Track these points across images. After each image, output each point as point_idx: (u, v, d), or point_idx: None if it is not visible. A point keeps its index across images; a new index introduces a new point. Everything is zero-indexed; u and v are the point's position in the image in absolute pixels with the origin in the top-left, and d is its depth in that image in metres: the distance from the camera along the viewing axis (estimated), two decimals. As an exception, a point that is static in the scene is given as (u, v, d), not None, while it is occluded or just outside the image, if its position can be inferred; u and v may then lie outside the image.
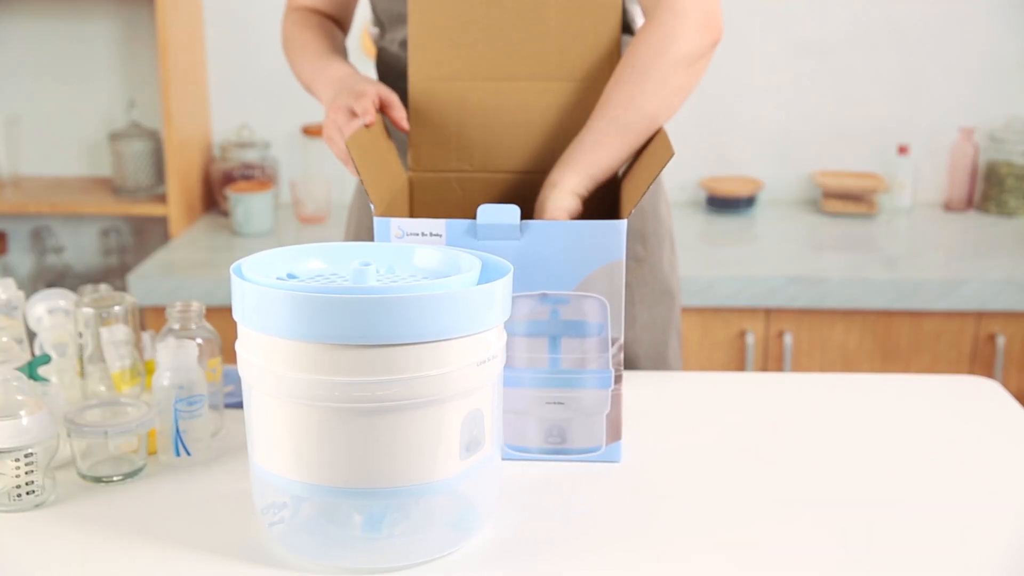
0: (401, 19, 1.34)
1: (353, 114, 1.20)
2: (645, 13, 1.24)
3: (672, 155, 1.05)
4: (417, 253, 0.98)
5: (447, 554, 0.93)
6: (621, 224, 1.03)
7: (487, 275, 0.94)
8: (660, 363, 1.42)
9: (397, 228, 1.05)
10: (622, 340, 1.07)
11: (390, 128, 1.28)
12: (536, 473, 1.08)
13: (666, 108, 1.18)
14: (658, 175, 1.04)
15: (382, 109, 1.23)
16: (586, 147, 1.15)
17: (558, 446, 1.10)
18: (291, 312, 0.85)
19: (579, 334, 1.06)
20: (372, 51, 2.60)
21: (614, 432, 1.09)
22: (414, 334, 0.85)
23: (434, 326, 0.85)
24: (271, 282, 0.89)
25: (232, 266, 0.92)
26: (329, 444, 0.87)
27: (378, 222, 1.05)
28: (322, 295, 0.84)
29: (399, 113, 1.22)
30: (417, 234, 1.04)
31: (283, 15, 1.46)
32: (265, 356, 0.88)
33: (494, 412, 0.93)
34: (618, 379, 1.08)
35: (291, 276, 0.95)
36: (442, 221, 1.04)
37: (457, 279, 0.89)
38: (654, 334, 1.41)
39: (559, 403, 1.08)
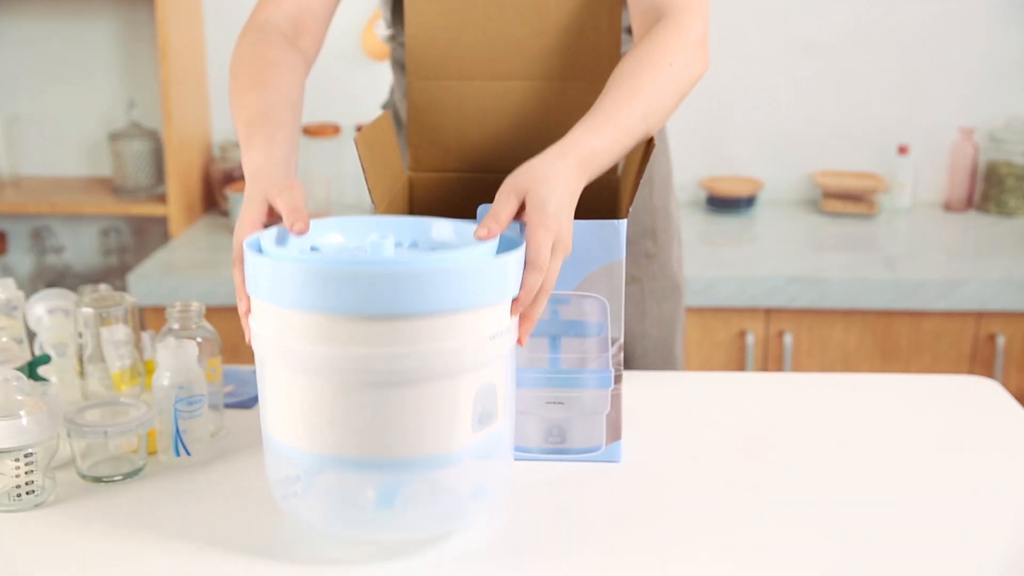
0: None
1: (272, 214, 0.98)
2: (638, 33, 1.17)
3: (653, 145, 1.05)
4: (435, 227, 0.99)
5: (459, 528, 0.93)
6: (621, 224, 1.03)
7: (501, 249, 0.95)
8: (668, 356, 1.44)
9: None
10: (622, 340, 1.07)
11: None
12: (536, 473, 1.08)
13: (659, 109, 1.09)
14: (644, 168, 1.04)
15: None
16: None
17: (558, 446, 1.10)
18: (306, 284, 0.85)
19: (579, 334, 1.06)
20: (376, 52, 2.60)
21: (614, 432, 1.09)
22: (429, 306, 0.85)
23: (448, 298, 0.86)
24: (286, 254, 0.89)
25: (247, 240, 0.92)
26: (344, 416, 0.87)
27: None
28: (338, 267, 0.84)
29: (292, 219, 0.95)
30: None
31: (245, 24, 1.21)
32: (280, 329, 0.88)
33: (507, 386, 0.94)
34: (618, 379, 1.08)
35: (314, 249, 0.96)
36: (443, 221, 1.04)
37: (472, 252, 0.90)
38: (663, 328, 1.43)
39: (559, 403, 1.08)
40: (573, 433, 1.10)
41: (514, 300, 0.93)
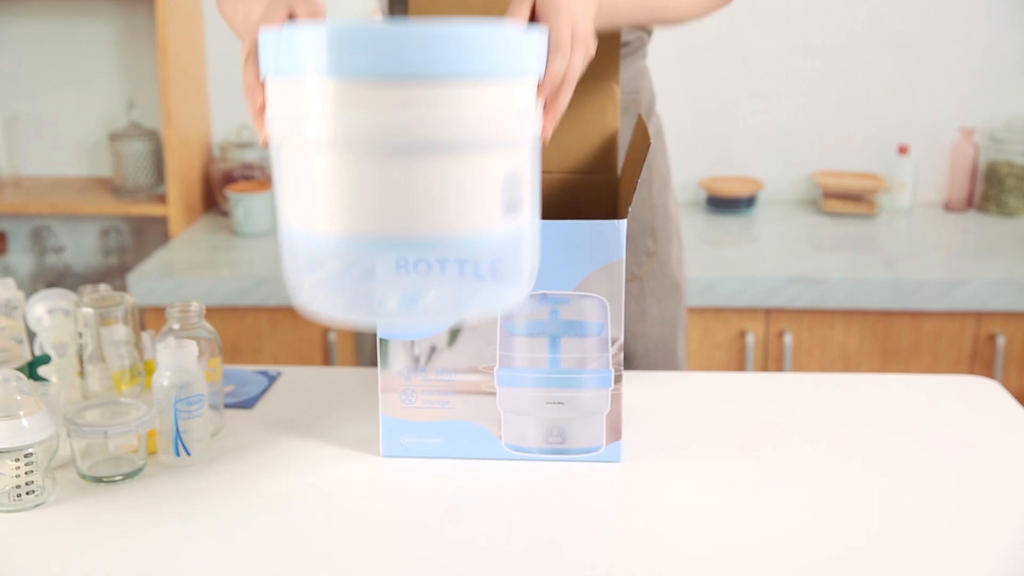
0: None
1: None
2: None
3: (649, 144, 1.05)
4: None
5: (475, 315, 0.93)
6: (621, 224, 1.04)
7: None
8: (669, 356, 1.44)
9: None
10: (622, 340, 1.07)
11: None
12: (536, 473, 1.08)
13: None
14: (643, 167, 1.05)
15: None
16: None
17: (558, 446, 1.10)
18: (331, 47, 0.82)
19: (579, 334, 1.06)
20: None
21: (614, 432, 1.10)
22: (453, 69, 0.82)
23: (472, 63, 0.83)
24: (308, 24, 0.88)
25: (263, 30, 0.90)
26: (367, 190, 0.83)
27: None
28: (364, 27, 0.82)
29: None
30: None
31: None
32: (301, 103, 0.84)
33: (532, 182, 0.90)
34: (618, 379, 1.08)
35: None
36: None
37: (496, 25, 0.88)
38: (664, 327, 1.43)
39: (559, 403, 1.09)
40: (573, 433, 1.10)
41: (539, 84, 0.91)
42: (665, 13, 1.14)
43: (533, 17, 0.97)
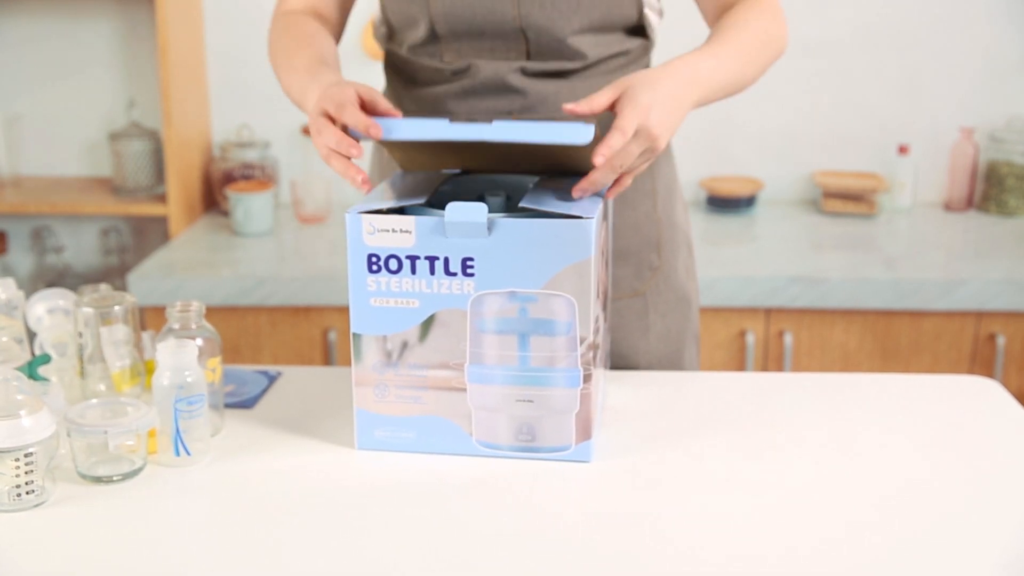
0: (413, 22, 1.31)
1: (329, 118, 1.11)
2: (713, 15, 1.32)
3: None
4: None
5: None
6: (589, 223, 1.03)
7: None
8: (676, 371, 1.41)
9: (368, 225, 1.06)
10: (591, 340, 1.07)
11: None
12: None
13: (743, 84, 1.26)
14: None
15: (365, 109, 1.12)
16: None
17: (528, 444, 1.10)
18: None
19: (548, 332, 1.06)
20: (376, 52, 2.60)
21: (584, 431, 1.09)
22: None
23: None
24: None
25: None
26: None
27: (349, 219, 1.06)
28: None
29: (384, 107, 1.12)
30: (388, 230, 1.05)
31: (272, 17, 1.37)
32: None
33: None
34: (587, 378, 1.08)
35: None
36: (412, 218, 1.05)
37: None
38: (669, 343, 1.41)
39: (528, 401, 1.08)
40: (543, 431, 1.09)
41: (599, 146, 1.03)
42: (742, 89, 1.25)
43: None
